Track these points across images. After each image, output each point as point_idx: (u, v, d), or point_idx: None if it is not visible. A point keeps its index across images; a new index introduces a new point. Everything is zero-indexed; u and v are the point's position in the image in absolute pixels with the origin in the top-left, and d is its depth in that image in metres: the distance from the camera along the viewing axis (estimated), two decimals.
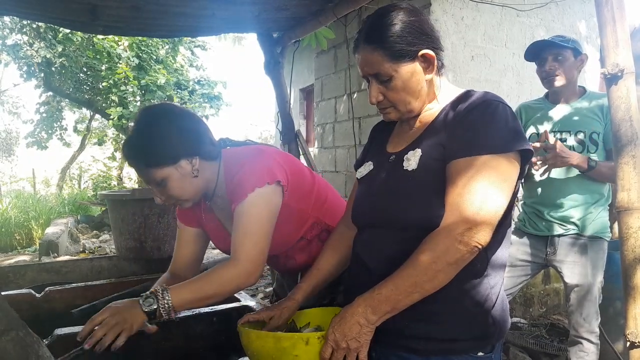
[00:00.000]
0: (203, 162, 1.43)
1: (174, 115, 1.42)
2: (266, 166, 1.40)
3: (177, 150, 1.37)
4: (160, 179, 1.38)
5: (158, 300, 1.24)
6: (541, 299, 4.02)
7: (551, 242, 2.30)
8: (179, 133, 1.38)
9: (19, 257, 6.27)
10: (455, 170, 1.03)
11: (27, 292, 1.97)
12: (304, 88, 7.25)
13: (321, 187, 1.62)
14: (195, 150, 1.40)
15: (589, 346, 2.23)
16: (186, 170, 1.39)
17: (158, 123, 1.38)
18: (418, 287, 0.99)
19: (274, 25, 3.06)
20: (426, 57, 1.11)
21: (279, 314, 1.28)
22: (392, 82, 1.12)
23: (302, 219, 1.53)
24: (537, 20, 4.24)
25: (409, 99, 1.14)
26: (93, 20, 2.59)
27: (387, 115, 1.20)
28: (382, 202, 1.16)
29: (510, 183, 1.03)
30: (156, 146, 1.35)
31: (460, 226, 0.98)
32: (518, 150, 1.04)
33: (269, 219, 1.37)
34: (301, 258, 1.61)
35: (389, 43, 1.09)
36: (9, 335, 0.77)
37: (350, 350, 1.03)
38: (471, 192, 0.99)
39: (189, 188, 1.42)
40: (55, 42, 9.74)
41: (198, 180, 1.42)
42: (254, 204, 1.34)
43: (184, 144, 1.38)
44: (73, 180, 14.33)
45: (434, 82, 1.16)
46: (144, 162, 1.38)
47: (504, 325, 1.12)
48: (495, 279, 1.11)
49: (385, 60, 1.10)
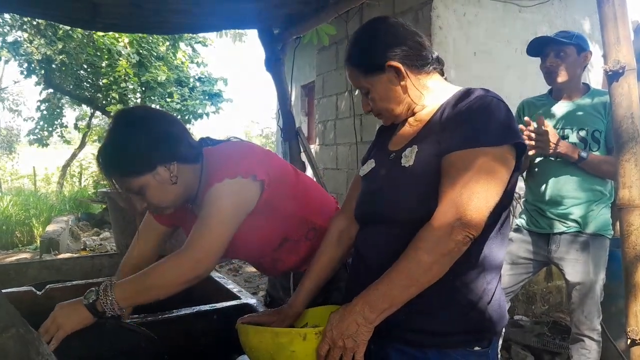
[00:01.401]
0: (182, 166, 1.36)
1: (147, 120, 1.35)
2: (243, 159, 1.35)
3: (153, 157, 1.31)
4: (138, 188, 1.32)
5: (99, 294, 1.21)
6: (543, 296, 4.02)
7: (553, 239, 2.29)
8: (153, 139, 1.31)
9: (20, 255, 6.28)
10: (449, 164, 1.05)
11: (28, 290, 1.97)
12: (305, 85, 7.24)
13: (306, 186, 1.59)
14: (172, 155, 1.33)
15: (590, 344, 2.23)
16: (164, 177, 1.32)
17: (131, 130, 1.31)
18: (414, 281, 1.01)
19: (275, 22, 3.05)
20: (393, 67, 1.16)
21: (280, 320, 1.29)
22: (371, 95, 1.21)
23: (285, 218, 1.47)
24: (540, 16, 4.23)
25: (391, 106, 1.21)
26: (93, 17, 2.59)
27: (382, 120, 1.29)
28: (381, 199, 1.18)
29: (502, 176, 1.04)
30: (131, 155, 1.29)
31: (451, 218, 0.99)
32: (512, 144, 1.05)
33: (233, 211, 1.30)
34: (290, 260, 1.57)
35: (358, 60, 1.21)
36: (9, 332, 0.77)
37: (347, 349, 1.03)
38: (461, 187, 1.00)
39: (169, 195, 1.36)
40: (56, 39, 9.73)
41: (177, 186, 1.35)
42: (219, 195, 1.29)
43: (159, 150, 1.31)
44: (74, 178, 14.34)
45: (415, 85, 1.19)
46: (119, 172, 1.32)
47: (500, 321, 1.13)
48: (492, 274, 1.12)
49: (360, 76, 1.21)
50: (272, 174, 1.38)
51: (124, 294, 1.22)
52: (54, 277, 2.50)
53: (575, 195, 2.22)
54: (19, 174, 16.21)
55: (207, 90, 11.46)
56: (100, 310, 1.21)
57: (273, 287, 1.79)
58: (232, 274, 5.53)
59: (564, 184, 2.24)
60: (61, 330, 1.19)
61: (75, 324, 1.20)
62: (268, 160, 1.41)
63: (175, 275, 1.24)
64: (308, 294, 1.33)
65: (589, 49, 2.29)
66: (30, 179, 14.09)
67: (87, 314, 1.20)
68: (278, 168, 1.44)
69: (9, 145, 17.93)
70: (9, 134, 18.01)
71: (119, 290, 1.21)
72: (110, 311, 1.20)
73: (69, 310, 1.21)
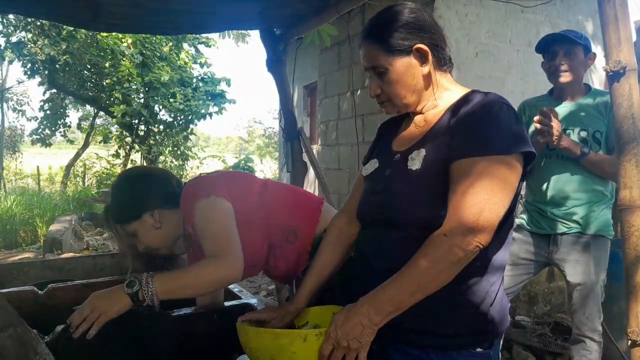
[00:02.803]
0: (165, 211, 1.59)
1: (136, 176, 1.70)
2: (202, 185, 1.54)
3: (138, 208, 1.57)
4: (132, 232, 1.58)
5: (141, 284, 1.29)
6: (545, 297, 4.02)
7: (554, 240, 2.28)
8: (138, 193, 1.59)
9: (24, 254, 6.30)
10: (458, 172, 1.04)
11: (29, 289, 1.98)
12: (307, 85, 7.23)
13: (278, 193, 1.70)
14: (156, 204, 1.58)
15: (591, 344, 2.22)
16: (149, 223, 1.57)
17: (123, 186, 1.64)
18: (421, 287, 1.01)
19: (277, 22, 3.05)
20: (420, 51, 1.14)
21: (280, 316, 1.29)
22: (387, 75, 1.16)
23: (260, 227, 1.59)
24: (542, 16, 4.21)
25: (404, 92, 1.17)
26: (95, 17, 2.60)
27: (385, 109, 1.24)
28: (385, 201, 1.16)
29: (511, 186, 1.03)
30: (121, 206, 1.59)
31: (460, 230, 0.99)
32: (521, 152, 1.05)
33: (225, 219, 1.46)
34: (281, 265, 1.65)
35: (384, 37, 1.15)
36: (7, 331, 0.77)
37: (351, 350, 1.03)
38: (472, 195, 1.00)
39: (157, 238, 1.60)
40: (59, 40, 9.76)
41: (163, 230, 1.59)
42: (201, 214, 1.45)
43: (144, 199, 1.58)
44: (77, 178, 14.37)
45: (432, 78, 1.18)
46: (115, 220, 1.60)
47: (502, 322, 1.13)
48: (495, 277, 1.12)
49: (380, 53, 1.15)
50: (233, 191, 1.54)
51: (164, 287, 1.31)
52: (56, 277, 2.51)
53: (576, 196, 2.21)
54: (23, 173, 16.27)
55: (210, 91, 11.45)
56: (141, 299, 1.29)
57: (290, 290, 1.86)
58: None
59: (565, 184, 2.23)
60: (103, 316, 1.27)
61: (117, 311, 1.29)
62: (226, 181, 1.58)
63: (213, 277, 1.37)
64: (309, 292, 1.33)
65: (593, 50, 2.28)
66: (34, 179, 14.14)
67: (127, 301, 1.29)
68: (239, 184, 1.62)
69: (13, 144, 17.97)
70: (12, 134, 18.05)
71: (160, 284, 1.30)
72: (150, 301, 1.29)
73: (109, 298, 1.30)
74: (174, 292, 1.34)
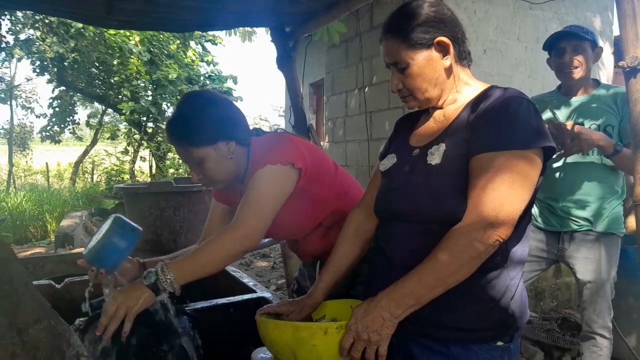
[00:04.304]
0: (238, 146, 1.52)
1: (214, 101, 1.54)
2: (283, 148, 1.48)
3: (215, 133, 1.47)
4: (199, 159, 1.47)
5: (157, 273, 1.29)
6: (552, 292, 4.02)
7: (564, 237, 2.27)
8: (218, 117, 1.49)
9: (34, 250, 6.36)
10: (478, 166, 1.05)
11: (47, 283, 2.01)
12: (313, 82, 7.24)
13: (344, 179, 1.68)
14: (232, 135, 1.50)
15: (602, 341, 2.22)
16: (223, 152, 1.48)
17: (201, 106, 1.50)
18: (441, 282, 1.02)
19: (287, 19, 3.07)
20: (442, 44, 1.14)
21: (298, 310, 1.30)
22: (409, 70, 1.16)
23: (321, 205, 1.57)
24: (551, 13, 4.20)
25: (425, 86, 1.17)
26: (107, 14, 2.62)
27: (407, 104, 1.23)
28: (405, 196, 1.17)
29: (531, 181, 1.04)
30: (197, 127, 1.45)
31: (482, 222, 0.99)
32: (540, 147, 1.06)
33: (275, 194, 1.44)
34: (320, 245, 1.65)
35: (405, 32, 1.15)
36: (41, 324, 0.79)
37: (371, 342, 1.04)
38: (492, 190, 1.00)
39: (224, 169, 1.51)
40: (68, 37, 9.82)
41: (232, 163, 1.51)
42: (261, 178, 1.43)
43: (222, 127, 1.49)
44: (86, 174, 14.46)
45: (453, 72, 1.18)
46: (186, 141, 1.47)
47: (522, 316, 1.14)
48: (515, 271, 1.13)
49: (402, 48, 1.15)
50: (310, 164, 1.50)
51: (181, 272, 1.31)
52: (71, 271, 2.54)
53: (587, 192, 2.20)
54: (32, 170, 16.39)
55: (217, 88, 11.50)
56: (161, 289, 1.30)
57: (302, 276, 1.86)
58: (244, 269, 5.57)
59: (575, 179, 2.22)
60: (133, 311, 1.27)
61: (142, 305, 1.28)
62: (307, 152, 1.53)
63: (225, 250, 1.36)
64: (327, 285, 1.34)
65: (599, 44, 2.27)
66: (43, 175, 14.24)
67: (149, 293, 1.29)
68: (316, 159, 1.56)
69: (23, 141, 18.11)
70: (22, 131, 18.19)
71: (176, 269, 1.31)
72: (170, 288, 1.29)
73: (131, 294, 1.29)
74: (191, 273, 1.34)
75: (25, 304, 0.79)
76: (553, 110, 2.34)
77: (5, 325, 0.77)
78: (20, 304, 0.78)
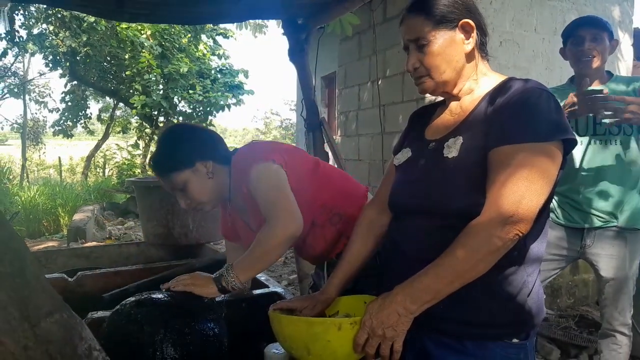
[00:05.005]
0: (216, 165, 1.61)
1: (189, 128, 1.71)
2: (260, 151, 1.61)
3: (192, 155, 1.58)
4: (182, 183, 1.58)
5: (223, 275, 1.41)
6: (569, 290, 3.96)
7: (588, 234, 2.21)
8: (193, 141, 1.61)
9: (48, 243, 6.42)
10: (497, 159, 1.02)
11: (59, 277, 2.01)
12: (325, 75, 7.21)
13: (328, 173, 1.73)
14: (209, 155, 1.60)
15: (622, 339, 2.18)
16: (202, 172, 1.58)
17: (174, 135, 1.66)
18: (458, 276, 0.99)
19: (299, 11, 3.03)
20: (466, 27, 1.13)
21: (311, 306, 1.29)
22: (430, 47, 1.13)
23: (307, 202, 1.58)
24: (569, 4, 4.12)
25: (444, 66, 1.14)
26: (119, 7, 2.61)
27: (422, 85, 1.19)
28: (421, 190, 1.14)
29: (551, 175, 1.01)
30: (175, 153, 1.58)
31: (501, 216, 0.97)
32: (561, 139, 1.02)
33: (280, 182, 1.50)
34: (319, 244, 1.67)
35: (431, 9, 1.13)
36: (53, 317, 0.78)
37: (386, 338, 1.02)
38: (511, 183, 0.98)
39: (206, 190, 1.60)
40: (80, 32, 9.88)
41: (213, 182, 1.61)
42: (259, 177, 1.49)
43: (198, 149, 1.60)
44: (98, 168, 14.59)
45: (473, 58, 1.16)
46: (167, 169, 1.58)
47: (539, 314, 1.12)
48: (532, 267, 1.10)
49: (425, 24, 1.13)
50: (288, 160, 1.56)
51: (241, 270, 1.42)
52: (83, 265, 2.56)
53: (609, 184, 2.13)
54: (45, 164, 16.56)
55: (229, 82, 11.50)
56: (228, 289, 1.42)
57: (317, 275, 1.86)
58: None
59: (599, 174, 2.15)
60: (192, 287, 1.42)
61: (205, 292, 1.42)
62: (281, 149, 1.62)
63: (277, 238, 1.42)
64: (340, 281, 1.33)
65: (616, 36, 2.22)
66: (56, 169, 14.39)
67: (215, 289, 1.42)
68: (295, 157, 1.63)
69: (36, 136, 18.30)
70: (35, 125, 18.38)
71: (237, 268, 1.42)
72: (235, 286, 1.41)
73: (204, 283, 1.43)
74: (250, 268, 1.44)
75: (37, 296, 0.78)
76: None
77: (17, 317, 0.76)
78: (32, 296, 0.77)
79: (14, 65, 14.87)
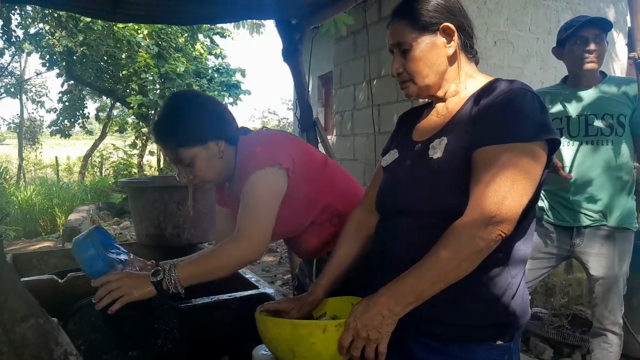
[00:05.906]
0: (227, 145, 1.52)
1: (203, 100, 1.54)
2: (269, 150, 1.46)
3: (205, 132, 1.47)
4: (189, 159, 1.47)
5: (164, 273, 1.32)
6: (563, 289, 3.96)
7: (577, 233, 2.22)
8: (208, 116, 1.49)
9: (43, 243, 6.41)
10: (480, 160, 1.02)
11: (49, 278, 2.00)
12: (322, 75, 7.20)
13: (334, 173, 1.66)
14: (222, 134, 1.50)
15: (612, 338, 2.19)
16: (213, 151, 1.48)
17: (189, 106, 1.50)
18: (442, 277, 0.99)
19: (293, 12, 3.03)
20: (447, 30, 1.13)
21: (299, 307, 1.29)
22: (411, 52, 1.15)
23: (311, 202, 1.56)
24: (563, 3, 4.12)
25: (427, 71, 1.15)
26: (114, 8, 2.61)
27: (406, 90, 1.21)
28: (407, 190, 1.15)
29: (535, 175, 1.01)
30: (187, 127, 1.45)
31: (484, 216, 0.97)
32: (545, 139, 1.02)
33: (270, 198, 1.44)
34: (313, 242, 1.64)
35: (413, 14, 1.15)
36: (28, 322, 0.77)
37: (370, 340, 1.02)
38: (494, 184, 0.98)
39: (214, 169, 1.51)
40: (77, 31, 9.84)
41: (222, 162, 1.51)
42: (254, 184, 1.42)
43: (212, 127, 1.48)
44: (94, 168, 14.56)
45: (457, 61, 1.16)
46: (175, 142, 1.46)
47: (523, 316, 1.12)
48: (517, 269, 1.10)
49: (407, 30, 1.15)
50: (297, 160, 1.48)
51: (186, 274, 1.33)
52: (75, 266, 2.53)
53: (600, 183, 2.15)
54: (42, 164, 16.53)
55: (226, 82, 11.48)
56: (165, 288, 1.32)
57: (302, 273, 1.85)
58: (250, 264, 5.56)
59: (588, 170, 2.16)
60: (126, 297, 1.29)
61: (139, 295, 1.31)
62: (292, 148, 1.52)
63: (236, 260, 1.39)
64: (327, 282, 1.33)
65: (612, 37, 2.22)
66: (53, 169, 14.35)
67: (151, 289, 1.32)
68: (302, 156, 1.54)
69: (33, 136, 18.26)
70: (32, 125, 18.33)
71: (182, 271, 1.33)
72: (174, 289, 1.32)
73: (137, 281, 1.33)
74: (196, 277, 1.36)
75: (12, 301, 0.77)
76: (564, 103, 2.28)
77: None
78: (7, 301, 0.76)
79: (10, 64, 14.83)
